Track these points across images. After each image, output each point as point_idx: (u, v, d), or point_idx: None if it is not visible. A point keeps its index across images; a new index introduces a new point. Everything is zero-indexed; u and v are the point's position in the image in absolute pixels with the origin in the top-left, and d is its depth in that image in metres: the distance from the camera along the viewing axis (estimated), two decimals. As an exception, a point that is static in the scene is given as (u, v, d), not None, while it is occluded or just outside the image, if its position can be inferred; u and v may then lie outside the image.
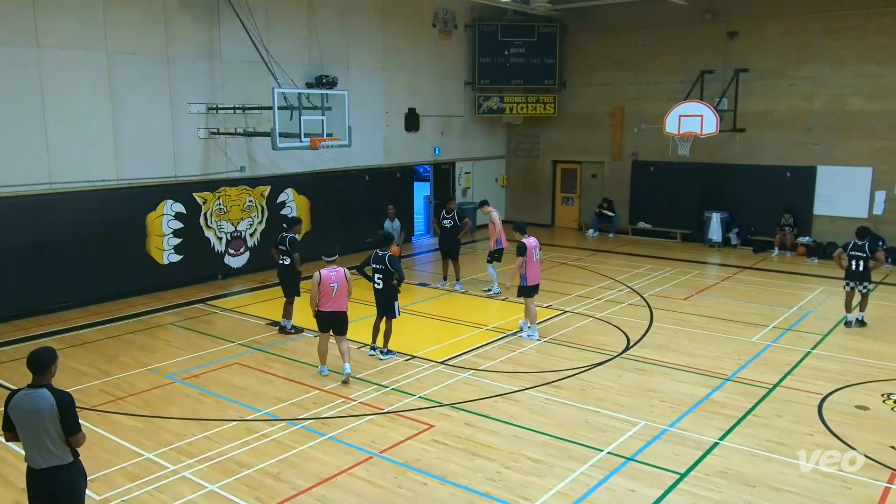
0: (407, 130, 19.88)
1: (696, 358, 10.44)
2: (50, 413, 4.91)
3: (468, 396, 8.99)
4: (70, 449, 5.06)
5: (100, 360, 10.42)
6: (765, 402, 8.84)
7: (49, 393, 4.96)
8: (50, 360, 5.07)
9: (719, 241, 19.51)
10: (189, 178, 14.70)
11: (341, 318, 9.61)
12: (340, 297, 9.49)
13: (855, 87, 17.49)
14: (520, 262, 11.13)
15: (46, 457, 4.97)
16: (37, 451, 4.97)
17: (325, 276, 9.39)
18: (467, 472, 7.09)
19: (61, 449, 5.01)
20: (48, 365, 5.04)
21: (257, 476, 7.03)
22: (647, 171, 20.95)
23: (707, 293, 14.43)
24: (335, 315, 9.55)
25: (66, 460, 5.04)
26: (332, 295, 9.43)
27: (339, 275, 9.47)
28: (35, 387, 4.99)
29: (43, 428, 4.92)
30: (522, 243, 11.19)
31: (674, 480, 6.91)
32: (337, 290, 9.44)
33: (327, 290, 9.40)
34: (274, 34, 15.46)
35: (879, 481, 6.88)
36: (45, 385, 5.01)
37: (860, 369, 9.97)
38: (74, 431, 5.00)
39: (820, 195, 18.27)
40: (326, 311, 9.49)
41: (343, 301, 9.54)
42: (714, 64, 18.76)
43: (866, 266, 11.75)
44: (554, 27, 21.60)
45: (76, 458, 5.13)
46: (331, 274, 9.43)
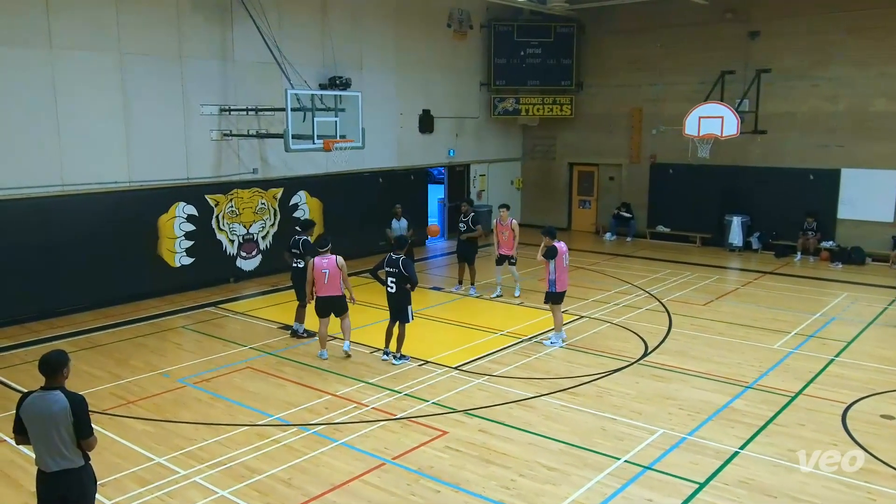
0: (421, 132, 19.91)
1: (716, 365, 10.37)
2: (63, 416, 4.95)
3: (482, 402, 8.97)
4: (81, 452, 5.10)
5: (111, 364, 10.51)
6: (787, 410, 8.76)
7: (63, 395, 5.00)
8: (62, 362, 5.10)
9: (740, 246, 19.38)
10: (201, 180, 14.80)
11: (336, 301, 10.50)
12: (333, 283, 10.36)
13: (880, 87, 17.34)
14: (551, 266, 11.09)
15: (58, 460, 5.01)
16: (48, 454, 5.01)
17: (317, 263, 10.36)
18: (481, 480, 7.07)
19: (73, 452, 5.04)
20: (60, 367, 5.08)
21: (268, 482, 7.05)
22: (666, 174, 20.85)
23: (727, 298, 14.34)
24: (330, 299, 10.46)
25: (77, 464, 5.08)
26: (325, 281, 10.34)
27: (331, 262, 10.36)
28: (48, 389, 5.04)
29: (55, 431, 4.96)
30: (554, 247, 11.13)
31: (693, 490, 6.87)
32: (329, 276, 10.32)
33: (320, 276, 10.33)
34: (287, 35, 15.54)
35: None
36: (58, 388, 5.05)
37: (885, 377, 9.86)
38: (87, 435, 5.04)
39: (844, 199, 18.11)
40: (322, 296, 10.45)
41: (336, 286, 10.39)
42: (735, 64, 18.65)
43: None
44: (571, 27, 21.57)
45: (87, 462, 5.17)
46: (323, 261, 10.36)
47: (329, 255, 10.42)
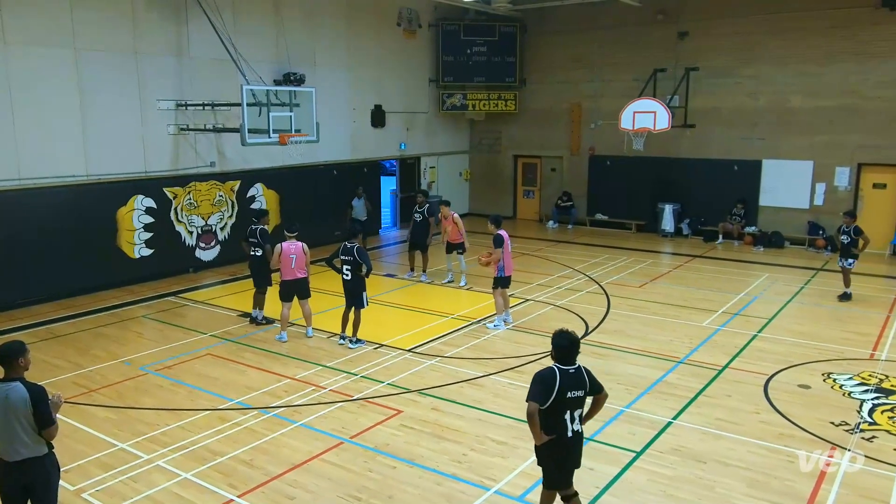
0: (373, 126, 19.75)
1: (651, 342, 10.61)
2: (23, 406, 4.81)
3: (435, 382, 9.01)
4: (44, 441, 4.95)
5: (72, 353, 10.20)
6: (715, 382, 9.02)
7: (22, 386, 4.85)
8: (17, 352, 4.94)
9: (672, 232, 19.81)
10: (159, 173, 14.42)
11: (301, 283, 10.64)
12: (299, 267, 10.53)
13: (796, 85, 17.88)
14: (498, 253, 11.12)
15: (20, 449, 4.86)
16: (9, 444, 4.86)
17: (285, 248, 10.48)
18: (434, 455, 7.11)
19: (35, 441, 4.90)
20: (16, 357, 4.92)
21: (230, 463, 6.96)
22: (604, 165, 21.15)
23: (660, 281, 14.65)
24: (296, 282, 10.57)
25: (39, 452, 4.94)
26: (292, 266, 10.48)
27: (298, 248, 10.54)
28: (7, 380, 4.88)
29: (16, 420, 4.81)
30: (500, 235, 11.16)
31: (630, 458, 7.03)
32: (295, 261, 10.50)
33: (287, 261, 10.45)
34: (242, 32, 15.22)
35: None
36: (17, 378, 4.90)
37: (803, 350, 10.23)
38: (48, 424, 4.90)
39: (765, 187, 18.67)
40: (288, 280, 10.53)
41: (302, 270, 10.57)
42: (666, 62, 18.99)
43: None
44: (514, 27, 21.64)
45: (50, 450, 5.03)
46: (290, 247, 10.50)
47: (297, 242, 10.54)
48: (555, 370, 5.22)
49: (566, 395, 5.15)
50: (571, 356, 5.29)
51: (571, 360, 5.28)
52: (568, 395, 5.17)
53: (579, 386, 5.25)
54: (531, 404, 5.13)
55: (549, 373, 5.22)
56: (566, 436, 5.23)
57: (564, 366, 5.25)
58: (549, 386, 5.14)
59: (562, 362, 5.27)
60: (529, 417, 5.16)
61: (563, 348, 5.29)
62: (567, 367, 5.26)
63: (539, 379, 5.23)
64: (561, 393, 5.13)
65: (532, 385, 5.23)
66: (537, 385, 5.19)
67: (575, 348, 5.28)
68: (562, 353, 5.29)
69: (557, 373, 5.20)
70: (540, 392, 5.15)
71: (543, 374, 5.23)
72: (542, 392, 5.14)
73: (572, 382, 5.22)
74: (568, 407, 5.20)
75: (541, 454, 5.39)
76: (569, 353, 5.28)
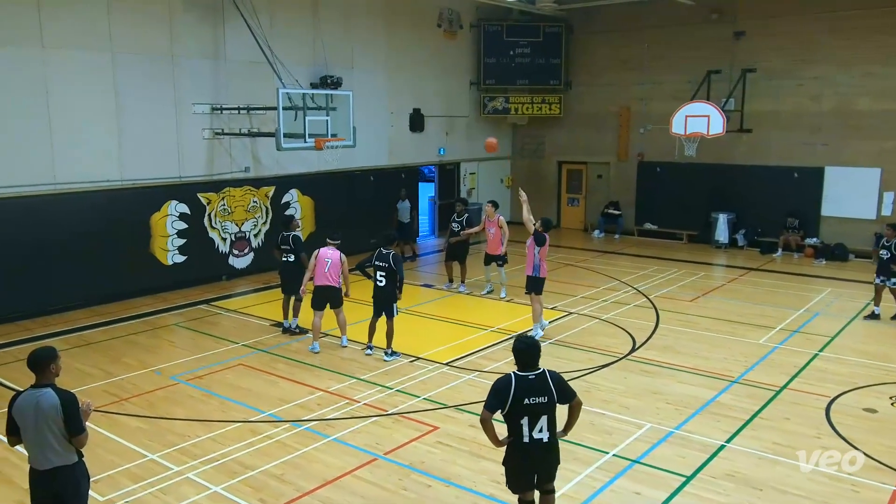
0: (412, 131, 19.87)
1: (703, 360, 10.42)
2: (54, 413, 4.91)
3: (473, 398, 8.97)
4: (74, 449, 5.06)
5: (104, 361, 10.45)
6: (772, 404, 8.81)
7: (53, 392, 4.96)
8: (49, 358, 5.04)
9: (726, 243, 19.46)
10: (193, 178, 14.73)
11: (333, 292, 10.63)
12: (332, 272, 10.53)
13: (862, 87, 17.45)
14: (535, 251, 11.12)
15: (50, 457, 4.97)
16: (40, 452, 4.97)
17: (322, 252, 10.61)
18: (472, 475, 7.08)
19: (65, 449, 5.00)
20: (48, 363, 5.02)
21: (261, 477, 7.04)
22: (654, 172, 20.92)
23: (713, 295, 14.39)
24: (327, 289, 10.58)
25: (70, 461, 5.04)
26: (325, 270, 10.51)
27: (335, 254, 10.61)
28: (38, 387, 5.00)
29: (47, 427, 4.92)
30: (543, 235, 11.22)
31: (680, 483, 6.90)
32: (330, 266, 10.52)
33: (322, 264, 10.52)
34: (278, 34, 15.47)
35: (887, 484, 6.85)
36: (48, 385, 5.01)
37: (868, 371, 9.94)
38: (78, 431, 5.00)
39: (827, 196, 18.23)
40: (320, 285, 10.57)
41: (335, 277, 10.56)
42: (720, 64, 18.73)
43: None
44: (559, 27, 21.59)
45: (80, 459, 5.13)
46: (328, 251, 10.61)
47: (335, 250, 10.65)
48: (510, 377, 5.34)
49: (522, 401, 5.24)
50: (529, 361, 5.37)
51: (530, 366, 5.35)
52: (525, 402, 5.26)
53: (540, 393, 5.30)
54: (483, 412, 5.31)
55: (504, 380, 5.34)
56: (522, 441, 5.34)
57: (523, 372, 5.34)
58: (502, 393, 5.26)
59: (520, 368, 5.37)
60: (482, 423, 5.36)
61: (519, 352, 5.40)
62: (526, 373, 5.34)
63: (493, 387, 5.37)
64: (516, 400, 5.23)
65: (489, 392, 5.39)
66: (491, 393, 5.36)
67: (531, 353, 5.37)
68: (518, 358, 5.41)
69: (513, 379, 5.30)
70: (493, 400, 5.31)
71: (498, 382, 5.38)
72: (494, 399, 5.29)
73: (530, 389, 5.29)
74: (525, 413, 5.29)
75: (504, 456, 5.55)
76: (525, 358, 5.37)
